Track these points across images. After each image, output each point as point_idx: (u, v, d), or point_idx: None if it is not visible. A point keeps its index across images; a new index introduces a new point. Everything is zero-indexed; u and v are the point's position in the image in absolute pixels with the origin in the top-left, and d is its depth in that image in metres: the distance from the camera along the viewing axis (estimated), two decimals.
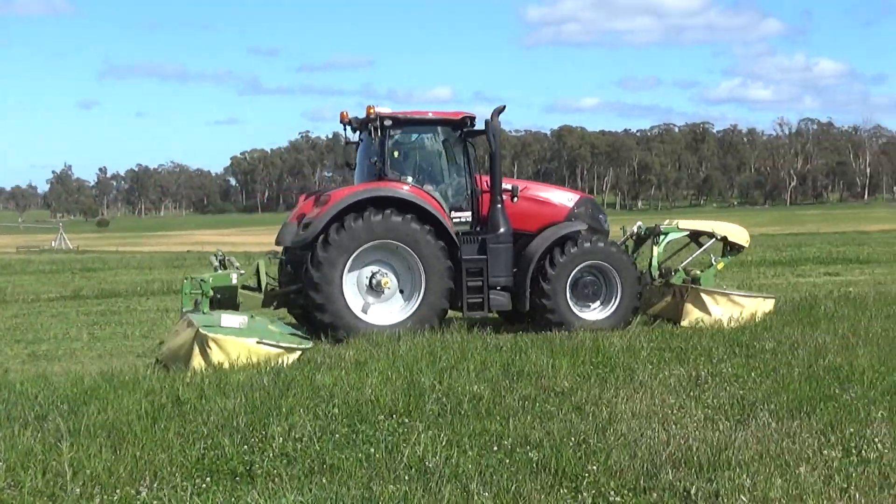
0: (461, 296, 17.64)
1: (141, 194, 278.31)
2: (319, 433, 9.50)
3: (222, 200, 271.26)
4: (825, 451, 8.63)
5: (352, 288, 17.26)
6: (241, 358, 13.69)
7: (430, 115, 18.49)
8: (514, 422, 9.86)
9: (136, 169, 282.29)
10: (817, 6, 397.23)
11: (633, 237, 19.85)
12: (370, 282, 17.38)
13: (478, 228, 18.28)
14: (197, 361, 13.58)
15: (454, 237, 17.63)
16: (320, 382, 11.92)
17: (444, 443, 9.07)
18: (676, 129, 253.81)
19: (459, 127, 18.36)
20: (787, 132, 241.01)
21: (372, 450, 8.91)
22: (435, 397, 10.98)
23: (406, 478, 8.17)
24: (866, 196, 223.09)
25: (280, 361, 13.86)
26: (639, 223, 20.11)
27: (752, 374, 12.23)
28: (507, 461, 8.57)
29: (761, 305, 18.49)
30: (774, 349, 14.11)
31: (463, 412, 10.39)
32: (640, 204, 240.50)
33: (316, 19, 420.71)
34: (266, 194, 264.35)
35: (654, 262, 19.19)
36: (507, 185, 18.42)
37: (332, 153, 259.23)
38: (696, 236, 19.97)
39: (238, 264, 18.29)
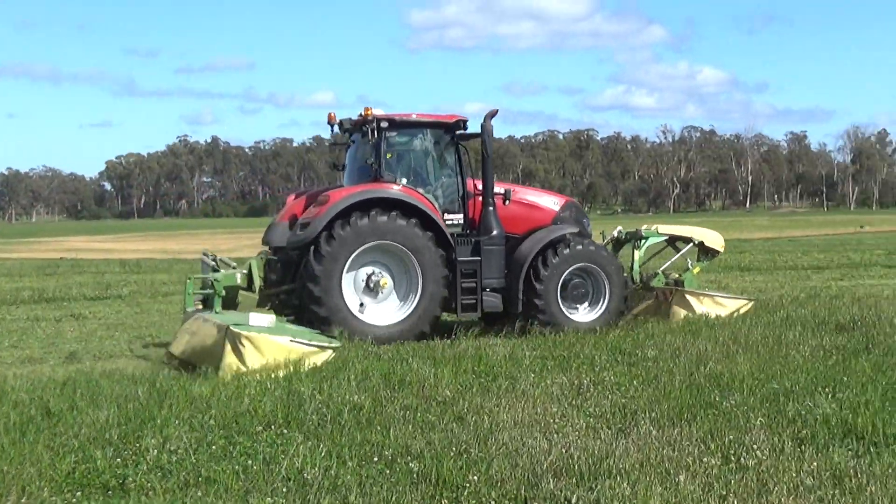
0: (455, 297, 18.18)
1: (11, 199, 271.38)
2: (195, 445, 9.39)
3: (97, 206, 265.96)
4: (705, 459, 8.79)
5: (349, 286, 17.62)
6: (274, 356, 13.79)
7: (425, 118, 18.91)
8: (394, 432, 9.86)
9: (6, 173, 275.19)
10: (700, 14, 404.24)
11: (613, 241, 20.69)
12: (367, 282, 17.80)
13: (468, 231, 18.86)
14: (229, 360, 13.67)
15: (450, 239, 18.16)
16: (197, 393, 11.77)
17: (323, 454, 9.03)
18: (561, 136, 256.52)
19: (452, 130, 18.92)
20: (670, 140, 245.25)
21: (249, 462, 8.83)
22: (314, 407, 10.93)
23: (284, 490, 8.12)
24: (748, 204, 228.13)
25: (312, 360, 14.02)
26: (619, 228, 21.07)
27: (634, 382, 12.42)
28: (388, 472, 8.57)
29: (742, 306, 19.49)
30: (656, 357, 14.33)
31: (343, 422, 10.35)
32: None
33: (195, 20, 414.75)
34: (143, 200, 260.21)
35: (636, 266, 20.09)
36: (499, 189, 19.09)
37: (212, 158, 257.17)
38: (673, 241, 21.19)
39: (234, 265, 18.27)
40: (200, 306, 17.01)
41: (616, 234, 20.72)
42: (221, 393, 11.74)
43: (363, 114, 18.29)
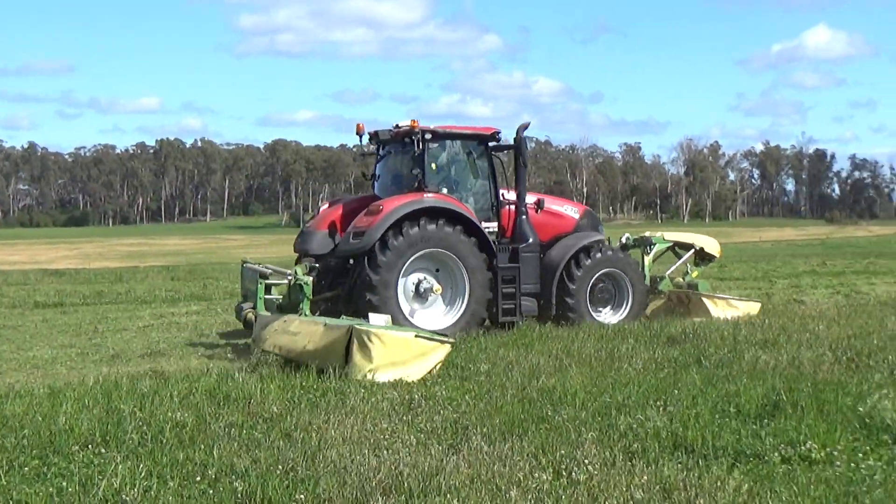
0: (496, 302, 19.55)
1: None
2: (7, 467, 9.13)
3: None
4: (536, 474, 8.92)
5: (402, 293, 18.85)
6: (400, 353, 14.39)
7: (466, 130, 20.48)
8: (218, 450, 9.75)
9: None
10: (535, 23, 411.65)
11: (620, 247, 22.49)
12: (417, 288, 19.08)
13: (501, 238, 20.49)
14: (357, 358, 14.29)
15: (493, 247, 19.58)
16: (9, 412, 11.44)
17: (143, 474, 8.88)
18: None
19: (489, 141, 20.63)
20: (506, 151, 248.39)
21: (64, 483, 8.63)
22: (135, 425, 10.73)
23: None
24: None
25: (435, 355, 14.65)
26: (626, 234, 23.33)
27: (467, 396, 12.53)
28: (211, 492, 8.48)
29: (751, 308, 21.51)
30: (489, 371, 14.49)
31: (164, 441, 10.20)
32: None
33: (9, 20, 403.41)
34: None
35: (646, 271, 22.12)
36: (531, 198, 21.04)
37: (28, 164, 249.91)
38: (674, 247, 23.48)
39: (289, 272, 18.65)
40: (251, 311, 18.07)
41: (624, 241, 22.86)
42: (35, 411, 11.44)
43: (410, 125, 19.58)
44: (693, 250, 23.27)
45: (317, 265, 18.96)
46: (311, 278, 17.81)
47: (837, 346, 15.73)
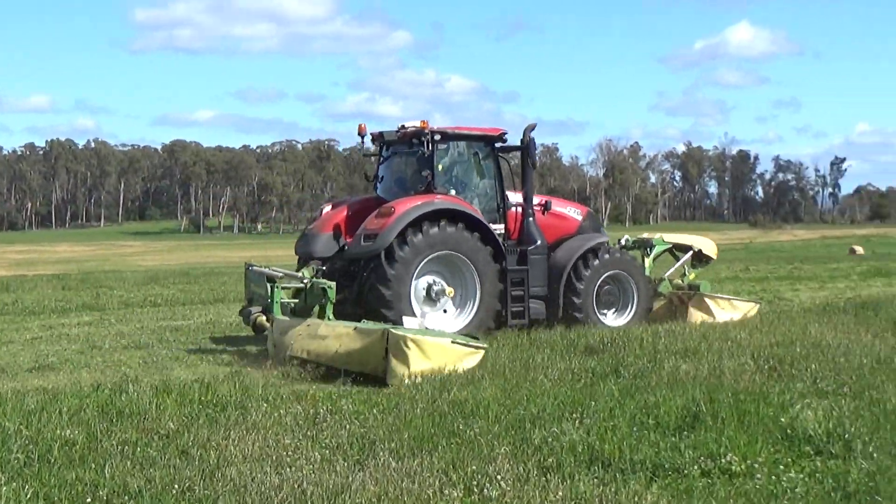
0: (505, 305, 20.32)
1: None
2: None
3: None
4: (446, 491, 8.94)
5: (413, 296, 19.42)
6: (437, 358, 15.26)
7: (474, 131, 21.23)
8: (110, 469, 9.62)
9: None
10: (448, 20, 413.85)
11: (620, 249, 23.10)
12: (428, 291, 19.74)
13: (507, 241, 21.13)
14: (394, 363, 14.96)
15: (503, 249, 20.37)
16: None
17: (29, 496, 8.76)
18: (300, 146, 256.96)
19: (496, 142, 21.34)
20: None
21: None
22: (20, 444, 10.55)
23: None
24: None
25: (469, 360, 15.68)
26: (626, 236, 24.18)
27: (374, 410, 12.52)
28: None
29: (752, 309, 22.92)
30: (398, 383, 14.53)
31: (53, 460, 10.05)
32: (259, 227, 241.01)
33: None
34: None
35: (646, 272, 22.75)
36: (536, 199, 21.73)
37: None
38: (672, 249, 24.43)
39: (299, 275, 19.39)
40: (261, 315, 18.65)
41: (623, 243, 23.55)
42: None
43: (420, 126, 20.20)
44: (691, 252, 24.32)
45: (323, 268, 19.73)
46: (334, 282, 18.48)
47: (759, 355, 15.97)
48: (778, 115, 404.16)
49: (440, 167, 20.68)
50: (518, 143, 21.53)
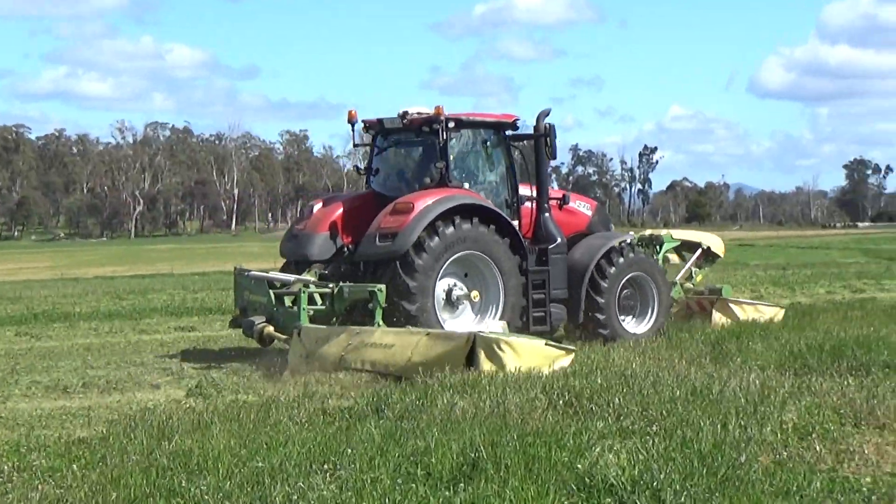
0: (527, 309, 22.22)
1: None
2: None
3: None
4: None
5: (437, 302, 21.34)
6: (531, 360, 17.70)
7: (488, 118, 23.21)
8: None
9: None
10: None
11: None
12: (448, 295, 21.70)
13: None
14: (487, 367, 17.46)
15: (525, 249, 22.33)
16: None
17: None
18: None
19: (508, 129, 23.37)
20: (131, 140, 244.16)
21: None
22: None
23: None
24: (234, 225, 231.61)
25: (561, 362, 18.13)
26: (630, 233, 26.39)
27: (74, 465, 12.25)
28: None
29: (777, 314, 25.79)
30: (107, 430, 14.43)
31: None
32: None
33: None
34: None
35: None
36: (555, 194, 24.30)
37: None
38: (679, 247, 27.01)
39: (303, 278, 21.36)
40: (266, 325, 20.72)
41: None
42: None
43: (435, 112, 21.92)
44: (700, 250, 27.03)
45: (325, 271, 21.86)
46: (383, 285, 20.38)
47: (552, 388, 16.14)
48: (576, 96, 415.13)
49: (452, 158, 22.38)
50: (531, 132, 23.55)
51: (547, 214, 23.52)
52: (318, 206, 23.09)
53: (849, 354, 18.78)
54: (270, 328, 20.61)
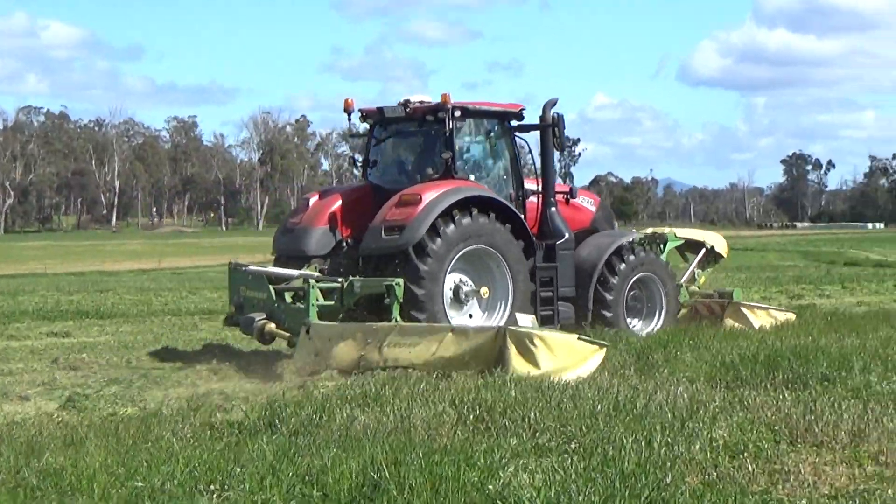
0: (535, 308, 23.21)
1: None
2: None
3: None
4: None
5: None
6: (564, 356, 18.83)
7: (495, 107, 24.45)
8: None
9: None
10: None
11: None
12: (455, 292, 22.65)
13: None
14: (518, 362, 18.52)
15: (535, 244, 23.54)
16: None
17: None
18: None
19: (513, 119, 24.70)
20: (1, 126, 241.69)
21: None
22: None
23: None
24: (114, 220, 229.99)
25: (593, 358, 19.20)
26: (633, 231, 28.19)
27: None
28: None
29: (790, 319, 26.80)
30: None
31: None
32: None
33: None
34: None
35: None
36: (561, 188, 25.67)
37: None
38: (681, 246, 28.20)
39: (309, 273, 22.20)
40: (267, 322, 21.42)
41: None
42: None
43: (442, 101, 22.95)
44: (704, 250, 28.32)
45: (325, 267, 22.65)
46: (401, 279, 21.13)
47: (463, 401, 16.15)
48: (494, 82, 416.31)
49: (457, 149, 23.47)
50: (537, 122, 24.72)
51: (553, 209, 24.61)
52: (314, 200, 23.95)
53: (785, 366, 18.84)
54: (272, 325, 21.34)
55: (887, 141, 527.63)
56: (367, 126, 24.70)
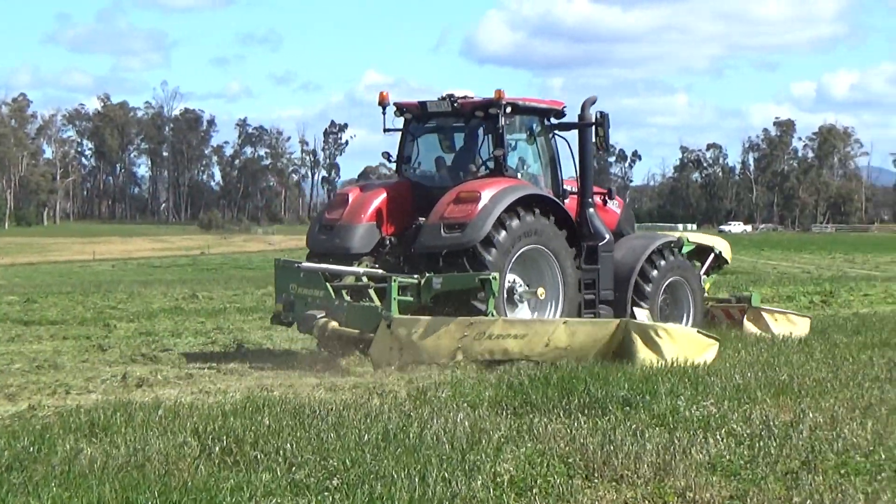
0: (579, 311, 25.63)
1: None
2: None
3: None
4: None
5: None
6: (687, 347, 21.81)
7: (541, 104, 26.87)
8: None
9: None
10: None
11: None
12: (509, 293, 24.71)
13: None
14: (644, 354, 21.64)
15: (580, 245, 25.87)
16: None
17: None
18: None
19: (554, 117, 26.96)
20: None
21: None
22: None
23: None
24: None
25: (710, 352, 22.44)
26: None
27: None
28: None
29: (805, 325, 29.63)
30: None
31: None
32: None
33: None
34: None
35: None
36: (598, 189, 28.07)
37: None
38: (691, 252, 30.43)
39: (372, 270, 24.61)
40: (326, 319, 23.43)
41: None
42: None
43: (496, 96, 25.01)
44: (713, 255, 30.75)
45: (376, 265, 24.71)
46: (497, 272, 23.48)
47: (207, 430, 16.10)
48: (246, 56, 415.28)
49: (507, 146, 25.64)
50: (576, 120, 27.05)
51: (592, 210, 26.83)
52: (353, 195, 25.71)
53: (581, 389, 18.86)
54: (335, 323, 23.13)
55: (701, 129, 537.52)
56: (404, 120, 26.75)
